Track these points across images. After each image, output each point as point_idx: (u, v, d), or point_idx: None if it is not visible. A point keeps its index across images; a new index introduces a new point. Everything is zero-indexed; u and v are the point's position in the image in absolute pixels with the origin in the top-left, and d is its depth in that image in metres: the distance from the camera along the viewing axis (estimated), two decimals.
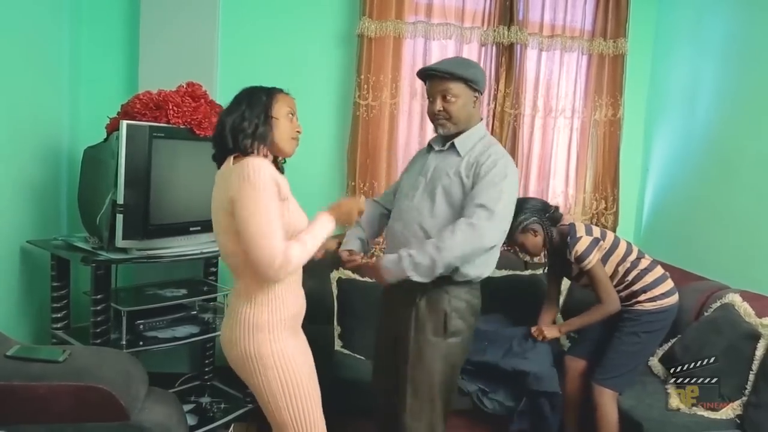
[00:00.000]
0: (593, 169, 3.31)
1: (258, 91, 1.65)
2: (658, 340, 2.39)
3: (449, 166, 1.88)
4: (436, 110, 1.88)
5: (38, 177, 2.44)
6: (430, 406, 1.87)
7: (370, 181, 3.05)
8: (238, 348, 1.60)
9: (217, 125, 1.65)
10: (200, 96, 2.40)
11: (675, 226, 3.19)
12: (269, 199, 1.51)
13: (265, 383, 1.61)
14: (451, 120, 1.88)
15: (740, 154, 2.75)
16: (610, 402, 2.28)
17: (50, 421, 1.55)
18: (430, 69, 1.90)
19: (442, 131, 1.91)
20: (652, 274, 2.36)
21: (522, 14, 3.11)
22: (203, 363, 2.87)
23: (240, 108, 1.61)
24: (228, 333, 1.64)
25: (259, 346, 1.59)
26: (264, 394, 1.63)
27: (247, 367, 1.61)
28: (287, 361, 1.62)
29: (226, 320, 1.68)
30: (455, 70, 1.85)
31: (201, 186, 2.44)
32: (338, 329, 2.77)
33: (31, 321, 2.42)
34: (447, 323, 1.85)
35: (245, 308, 1.61)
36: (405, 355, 1.89)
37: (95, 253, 2.19)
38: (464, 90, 1.87)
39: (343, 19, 3.07)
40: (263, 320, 1.60)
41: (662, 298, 2.33)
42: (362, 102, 2.99)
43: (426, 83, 1.94)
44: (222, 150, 1.63)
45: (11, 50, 2.16)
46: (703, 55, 3.05)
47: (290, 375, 1.62)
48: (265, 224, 1.49)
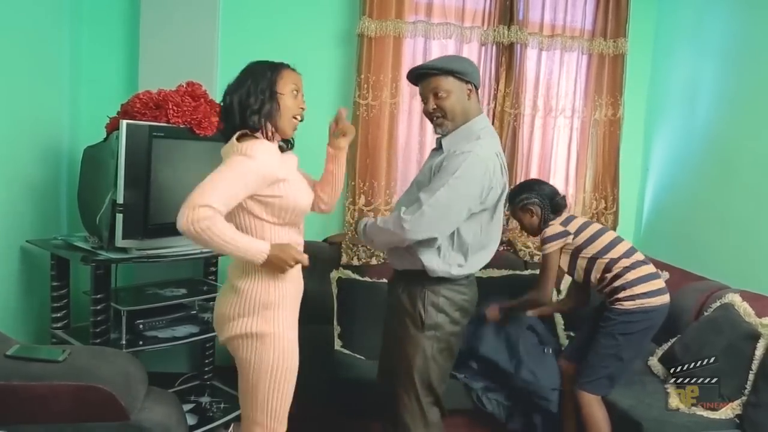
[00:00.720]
0: (593, 168, 3.31)
1: (263, 66, 1.66)
2: (641, 342, 2.29)
3: (432, 163, 1.90)
4: (430, 109, 1.88)
5: (38, 176, 2.44)
6: (411, 397, 1.90)
7: (370, 181, 3.04)
8: (239, 323, 1.60)
9: (224, 101, 1.64)
10: (200, 95, 2.39)
11: (675, 226, 3.19)
12: (241, 174, 1.51)
13: (255, 360, 1.61)
14: (446, 117, 1.87)
15: (740, 153, 2.75)
16: (592, 405, 2.23)
17: (50, 420, 1.55)
18: (416, 69, 1.90)
19: (441, 130, 1.90)
20: (635, 272, 2.26)
21: (522, 14, 3.11)
22: (203, 363, 2.87)
23: (245, 83, 1.61)
24: (227, 309, 1.63)
25: (265, 324, 1.60)
26: (250, 370, 1.63)
27: (244, 343, 1.61)
28: (285, 345, 1.63)
29: (225, 298, 1.67)
30: (441, 65, 1.85)
31: None
32: (338, 329, 2.77)
33: (31, 321, 2.42)
34: (423, 317, 1.87)
35: (252, 285, 1.60)
36: (392, 346, 1.94)
37: (95, 253, 2.19)
38: (455, 84, 1.85)
39: (343, 18, 3.07)
40: (271, 298, 1.61)
41: (643, 297, 2.22)
42: (362, 101, 2.99)
43: (418, 86, 1.93)
44: (231, 126, 1.63)
45: (11, 50, 2.16)
46: (703, 55, 3.05)
47: (283, 360, 1.63)
48: (220, 180, 1.49)
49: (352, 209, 3.04)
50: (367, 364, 2.54)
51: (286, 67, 1.68)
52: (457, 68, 1.84)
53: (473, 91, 1.89)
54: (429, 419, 1.92)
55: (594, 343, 2.27)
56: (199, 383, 2.84)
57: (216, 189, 1.48)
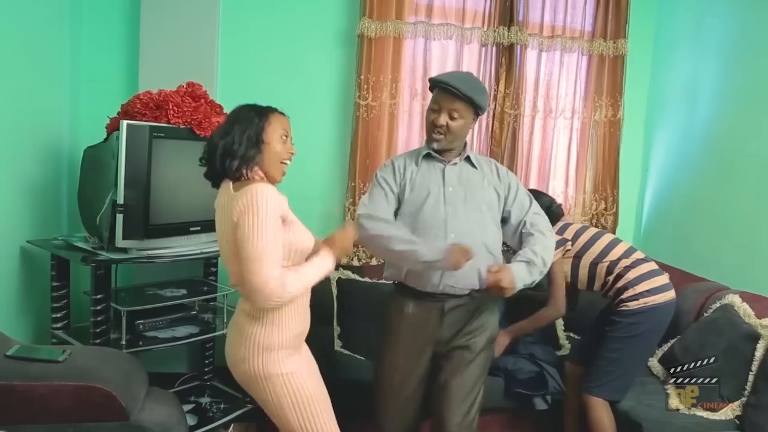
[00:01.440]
0: (593, 169, 3.31)
1: (250, 113, 1.61)
2: (649, 344, 2.29)
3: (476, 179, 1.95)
4: (439, 123, 1.89)
5: (38, 177, 2.44)
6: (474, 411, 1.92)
7: (370, 182, 3.04)
8: (247, 366, 1.60)
9: (209, 145, 1.62)
10: (200, 96, 2.39)
11: (675, 227, 3.20)
12: (270, 226, 1.48)
13: (275, 400, 1.62)
14: (448, 136, 1.90)
15: (740, 154, 2.75)
16: (599, 409, 2.22)
17: (50, 421, 1.55)
18: (450, 86, 1.86)
19: (437, 145, 1.93)
20: (636, 271, 2.26)
21: (522, 15, 3.11)
22: (203, 363, 2.87)
23: (232, 130, 1.58)
24: (235, 352, 1.63)
25: (267, 366, 1.59)
26: (274, 409, 1.64)
27: (256, 386, 1.62)
28: (295, 380, 1.62)
29: (232, 338, 1.67)
30: (470, 94, 1.86)
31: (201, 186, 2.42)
32: (338, 329, 2.77)
33: (31, 321, 2.42)
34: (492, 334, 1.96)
35: (255, 328, 1.60)
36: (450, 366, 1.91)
37: (95, 253, 2.19)
38: (470, 113, 1.91)
39: (343, 19, 3.07)
40: (272, 341, 1.60)
41: (647, 295, 2.21)
42: (362, 102, 2.99)
43: (434, 90, 1.93)
44: (212, 170, 1.61)
45: (12, 50, 2.16)
46: (703, 56, 3.05)
47: (300, 392, 1.63)
48: (260, 249, 1.47)
49: (353, 210, 3.04)
50: (367, 365, 2.54)
51: (274, 112, 1.64)
52: (480, 103, 1.89)
53: (475, 121, 1.99)
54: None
55: (601, 347, 2.25)
56: (199, 383, 2.84)
57: (263, 260, 1.47)
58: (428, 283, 1.89)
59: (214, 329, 2.52)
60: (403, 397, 1.98)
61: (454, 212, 1.89)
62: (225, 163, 1.57)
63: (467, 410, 1.89)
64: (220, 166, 1.58)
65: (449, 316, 1.91)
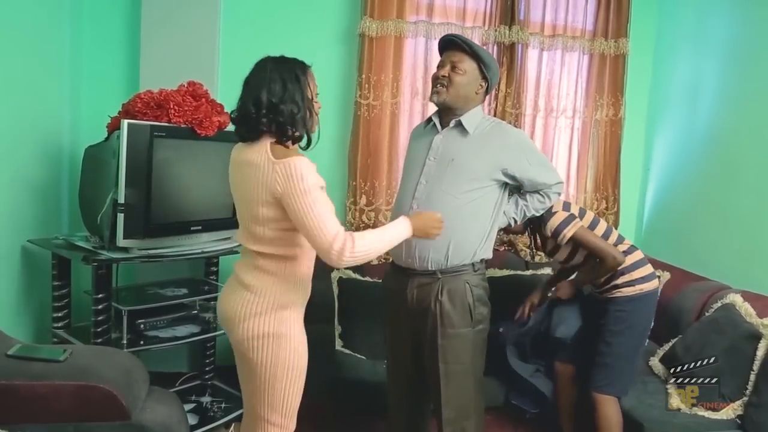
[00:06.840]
0: (594, 169, 3.31)
1: (291, 66, 1.57)
2: (644, 333, 2.29)
3: (467, 147, 1.89)
4: (440, 75, 1.89)
5: (39, 176, 2.44)
6: (469, 397, 1.91)
7: (371, 181, 3.04)
8: (256, 322, 1.58)
9: (247, 98, 1.55)
10: (201, 95, 2.39)
11: (676, 227, 3.19)
12: (319, 196, 1.50)
13: (272, 361, 1.60)
14: (450, 89, 1.87)
15: (741, 154, 2.75)
16: (610, 405, 2.21)
17: (51, 420, 1.55)
18: (457, 37, 1.90)
19: (437, 98, 1.90)
20: (632, 257, 2.25)
21: (523, 14, 3.11)
22: (204, 362, 2.87)
23: (276, 84, 1.53)
24: (239, 307, 1.60)
25: (279, 324, 1.59)
26: (265, 371, 1.60)
27: (259, 343, 1.59)
28: (299, 345, 1.63)
29: (236, 293, 1.63)
30: (474, 47, 1.88)
31: (202, 185, 2.45)
32: (339, 329, 2.77)
33: (32, 320, 2.42)
34: (472, 313, 1.89)
35: (268, 285, 1.59)
36: (433, 351, 1.90)
37: (96, 253, 2.19)
38: (474, 70, 1.89)
39: (344, 18, 3.07)
40: (290, 299, 1.61)
41: (641, 282, 2.22)
42: (363, 101, 2.99)
43: (442, 54, 1.95)
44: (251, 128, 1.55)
45: (12, 49, 2.16)
46: (705, 55, 3.05)
47: (298, 359, 1.63)
48: (318, 217, 1.48)
49: (353, 209, 3.04)
50: (368, 364, 2.54)
51: (310, 67, 1.64)
52: (485, 58, 1.88)
53: (483, 91, 1.94)
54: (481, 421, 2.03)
55: (599, 343, 2.23)
56: (200, 383, 2.84)
57: (323, 217, 1.49)
58: (398, 258, 1.95)
59: (215, 328, 2.52)
60: (402, 375, 2.06)
61: (426, 183, 1.89)
62: (278, 123, 1.53)
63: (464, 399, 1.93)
64: (268, 126, 1.53)
65: (416, 293, 1.92)
